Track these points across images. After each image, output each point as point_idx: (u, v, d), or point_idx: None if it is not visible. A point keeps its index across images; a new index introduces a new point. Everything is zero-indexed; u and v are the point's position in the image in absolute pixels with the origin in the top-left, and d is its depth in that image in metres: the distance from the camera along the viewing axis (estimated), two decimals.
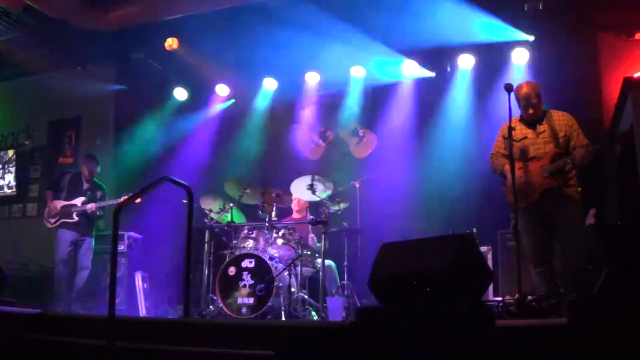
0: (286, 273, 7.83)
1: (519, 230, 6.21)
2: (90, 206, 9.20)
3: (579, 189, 6.48)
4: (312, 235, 8.98)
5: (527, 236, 6.48)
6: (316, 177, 8.51)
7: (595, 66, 8.57)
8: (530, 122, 6.69)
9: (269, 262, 7.82)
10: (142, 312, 9.07)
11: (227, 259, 8.19)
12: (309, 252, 8.43)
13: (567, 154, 6.42)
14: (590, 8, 8.33)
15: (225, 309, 7.68)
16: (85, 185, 9.48)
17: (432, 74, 10.04)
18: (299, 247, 8.16)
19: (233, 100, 11.13)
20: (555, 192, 6.39)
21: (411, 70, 9.94)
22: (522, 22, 8.87)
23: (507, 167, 6.27)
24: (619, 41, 8.59)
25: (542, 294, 6.20)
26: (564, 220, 6.35)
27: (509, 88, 6.23)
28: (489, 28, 8.98)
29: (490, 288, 7.49)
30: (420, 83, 10.12)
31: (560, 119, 6.64)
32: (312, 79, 10.53)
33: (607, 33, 8.56)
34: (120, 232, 8.85)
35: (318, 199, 8.53)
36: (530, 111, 6.63)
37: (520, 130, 6.68)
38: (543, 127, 6.62)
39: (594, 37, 8.67)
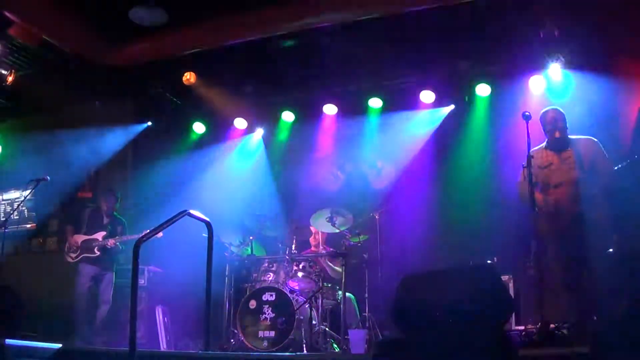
0: (307, 306, 7.80)
1: (540, 259, 6.16)
2: (111, 241, 9.22)
3: (606, 214, 6.41)
4: (330, 264, 8.93)
5: (557, 264, 6.42)
6: (335, 209, 8.51)
7: (613, 91, 8.52)
8: (556, 148, 6.67)
9: (289, 295, 7.80)
10: (163, 346, 9.05)
11: (248, 292, 8.17)
12: (329, 285, 8.38)
13: (592, 180, 6.38)
14: (607, 34, 8.31)
15: (246, 343, 7.65)
16: (106, 220, 9.52)
17: (451, 107, 10.03)
18: (320, 279, 8.13)
19: (252, 134, 11.15)
20: (584, 219, 6.34)
21: (429, 100, 9.92)
22: (539, 49, 8.84)
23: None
24: (635, 66, 8.56)
25: (574, 322, 6.11)
26: (592, 248, 6.28)
27: (526, 117, 6.23)
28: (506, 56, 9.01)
29: (513, 317, 7.43)
30: (439, 113, 10.11)
31: (585, 144, 6.62)
32: (330, 110, 10.55)
33: (623, 58, 8.52)
34: (140, 266, 8.88)
35: (337, 231, 8.53)
36: (557, 135, 6.61)
37: (545, 157, 6.67)
38: (568, 153, 6.60)
39: (611, 62, 8.63)
